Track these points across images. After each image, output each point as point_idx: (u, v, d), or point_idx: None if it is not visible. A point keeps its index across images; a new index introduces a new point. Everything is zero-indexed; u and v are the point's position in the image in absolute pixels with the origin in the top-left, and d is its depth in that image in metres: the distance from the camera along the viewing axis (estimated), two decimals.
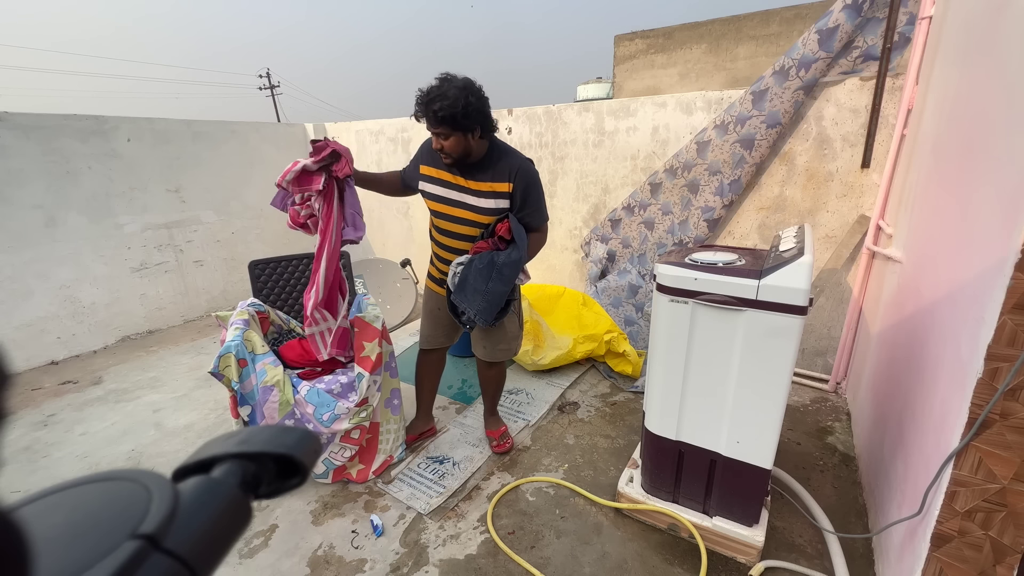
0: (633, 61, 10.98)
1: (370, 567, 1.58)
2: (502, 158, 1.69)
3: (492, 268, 1.65)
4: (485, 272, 1.65)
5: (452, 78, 1.57)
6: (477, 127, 1.59)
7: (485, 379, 2.08)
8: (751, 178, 2.56)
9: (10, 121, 2.89)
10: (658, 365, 1.53)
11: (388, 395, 1.97)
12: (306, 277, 2.31)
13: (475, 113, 1.55)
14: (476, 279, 1.65)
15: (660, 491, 1.67)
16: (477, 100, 1.56)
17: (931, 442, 1.17)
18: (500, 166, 1.67)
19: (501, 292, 1.68)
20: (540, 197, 1.74)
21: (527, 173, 1.68)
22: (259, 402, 1.75)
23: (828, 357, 2.61)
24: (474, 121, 1.57)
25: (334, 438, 1.84)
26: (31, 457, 2.20)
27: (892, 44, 2.09)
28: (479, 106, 1.57)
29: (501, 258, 1.65)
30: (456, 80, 1.56)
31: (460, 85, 1.55)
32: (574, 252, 3.43)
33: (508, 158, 1.69)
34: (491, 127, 1.64)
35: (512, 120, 3.39)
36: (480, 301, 1.67)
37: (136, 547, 0.28)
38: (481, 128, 1.60)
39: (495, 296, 1.67)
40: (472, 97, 1.55)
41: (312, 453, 0.41)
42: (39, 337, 3.10)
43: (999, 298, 0.90)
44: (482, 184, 1.68)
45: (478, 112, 1.56)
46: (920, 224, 1.61)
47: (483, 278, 1.65)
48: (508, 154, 1.70)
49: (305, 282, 2.30)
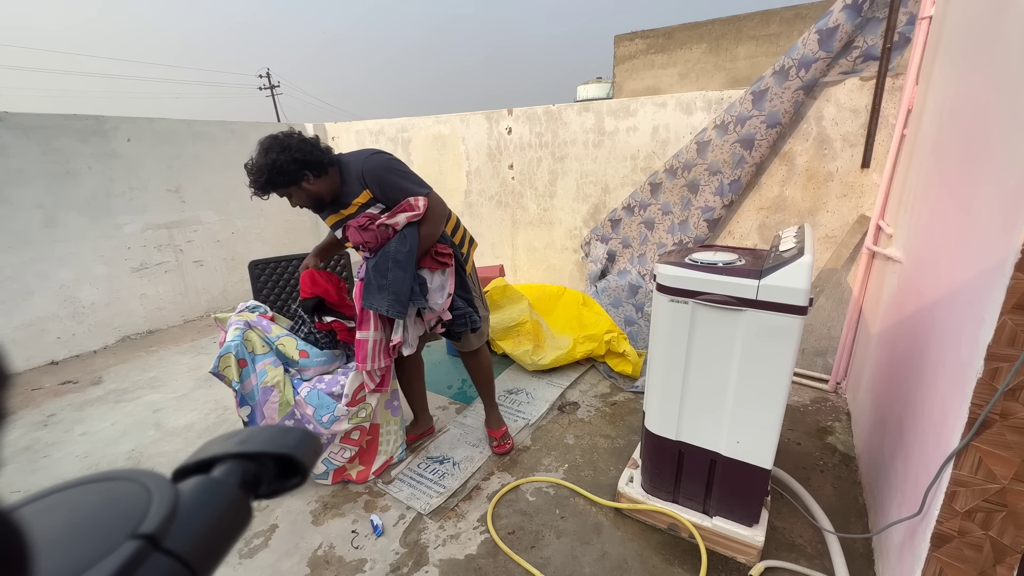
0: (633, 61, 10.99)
1: (370, 567, 1.58)
2: (349, 172, 1.68)
3: (387, 260, 1.66)
4: (380, 266, 1.66)
5: (260, 142, 1.58)
6: (304, 173, 1.58)
7: (471, 368, 2.09)
8: (751, 178, 2.56)
9: (10, 121, 2.89)
10: (658, 365, 1.53)
11: (388, 396, 1.97)
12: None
13: (289, 165, 1.55)
14: (375, 276, 1.67)
15: (660, 491, 1.67)
16: (282, 152, 1.55)
17: (931, 442, 1.17)
18: (352, 181, 1.67)
19: (402, 278, 1.66)
20: (397, 178, 1.68)
21: (372, 168, 1.66)
22: (259, 402, 1.75)
23: (828, 357, 2.61)
24: (293, 173, 1.56)
25: (334, 439, 1.84)
26: (31, 457, 2.20)
27: (892, 44, 2.09)
28: (290, 156, 1.55)
29: (392, 247, 1.66)
30: (261, 144, 1.58)
31: (262, 149, 1.56)
32: (574, 252, 3.43)
33: (352, 168, 1.67)
34: (320, 162, 1.61)
35: (512, 120, 3.39)
36: (387, 295, 1.66)
37: (136, 547, 0.28)
38: (310, 171, 1.59)
39: (398, 284, 1.66)
40: (274, 154, 1.54)
41: (312, 453, 0.41)
42: (39, 337, 3.10)
43: (999, 298, 0.90)
44: (352, 207, 1.69)
45: (292, 162, 1.55)
46: (920, 224, 1.61)
47: (380, 273, 1.66)
48: (350, 164, 1.68)
49: None
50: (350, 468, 1.93)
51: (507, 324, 2.79)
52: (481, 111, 3.54)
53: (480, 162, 3.66)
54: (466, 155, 3.71)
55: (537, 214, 3.52)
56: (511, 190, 3.58)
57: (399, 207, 1.66)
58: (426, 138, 3.90)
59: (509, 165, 3.52)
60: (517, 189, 3.54)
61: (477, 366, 2.07)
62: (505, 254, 3.81)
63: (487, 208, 3.74)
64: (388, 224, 1.66)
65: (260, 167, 1.55)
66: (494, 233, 3.79)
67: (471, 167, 3.71)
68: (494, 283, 2.90)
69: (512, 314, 2.81)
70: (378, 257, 1.67)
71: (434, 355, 3.06)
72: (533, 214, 3.54)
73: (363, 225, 1.66)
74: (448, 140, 3.76)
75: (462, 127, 3.66)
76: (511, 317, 2.80)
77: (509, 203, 3.63)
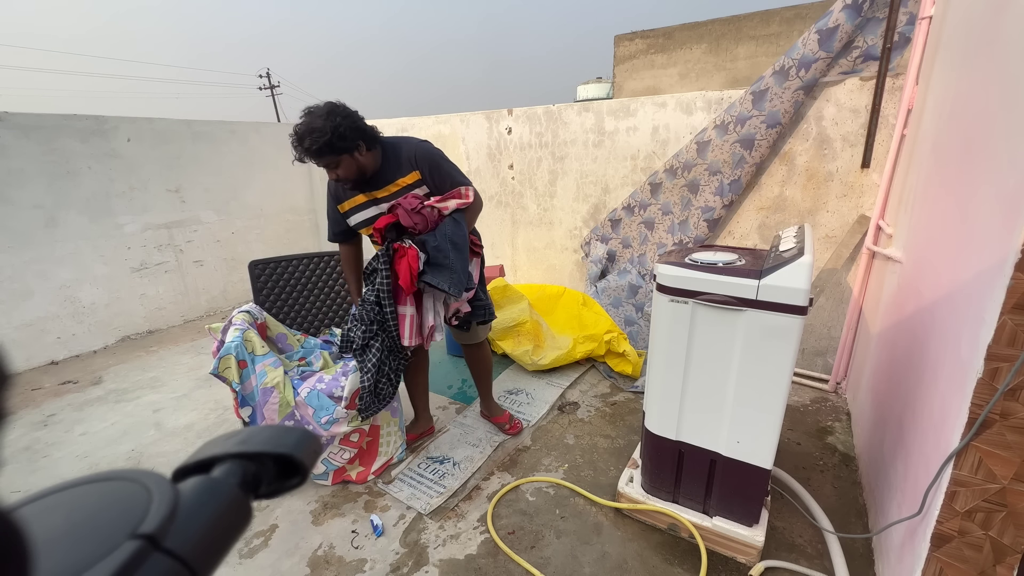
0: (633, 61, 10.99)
1: (370, 567, 1.58)
2: (397, 153, 1.70)
3: (446, 241, 1.70)
4: (443, 247, 1.69)
5: (314, 109, 1.58)
6: (358, 142, 1.60)
7: (475, 360, 2.14)
8: (751, 178, 2.56)
9: (10, 121, 2.89)
10: (658, 365, 1.53)
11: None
12: (306, 277, 2.31)
13: (349, 131, 1.57)
14: (438, 256, 1.69)
15: (660, 491, 1.67)
16: (345, 119, 1.57)
17: (931, 442, 1.17)
18: (399, 161, 1.70)
19: (461, 260, 1.72)
20: (448, 166, 1.77)
21: (426, 153, 1.72)
22: (259, 403, 1.75)
23: (828, 357, 2.61)
24: (352, 140, 1.58)
25: (333, 440, 1.84)
26: (31, 457, 2.20)
27: (892, 44, 2.09)
28: (350, 123, 1.58)
29: (448, 230, 1.70)
30: (319, 109, 1.58)
31: (323, 112, 1.57)
32: (574, 252, 3.43)
33: (402, 150, 1.71)
34: (373, 136, 1.65)
35: (512, 120, 3.39)
36: (448, 275, 1.69)
37: (136, 547, 0.28)
38: (364, 142, 1.62)
39: (458, 265, 1.71)
40: (339, 118, 1.56)
41: (312, 453, 0.41)
42: (39, 337, 3.10)
43: (999, 298, 0.90)
44: (392, 186, 1.71)
45: (352, 129, 1.58)
46: (920, 224, 1.61)
47: (443, 253, 1.69)
48: (399, 146, 1.72)
49: (305, 282, 2.31)
50: (350, 469, 1.93)
51: (507, 324, 2.79)
52: (481, 111, 3.54)
53: (480, 162, 3.66)
54: (466, 155, 3.71)
55: (537, 214, 3.52)
56: (511, 190, 3.58)
57: (450, 193, 1.73)
58: (426, 138, 3.89)
59: (509, 165, 3.52)
60: (517, 189, 3.54)
61: (481, 359, 2.14)
62: (505, 254, 3.81)
63: (487, 208, 3.73)
64: (436, 208, 1.70)
65: (321, 130, 1.53)
66: (494, 233, 3.79)
67: (471, 167, 3.71)
68: (494, 283, 2.90)
69: (512, 314, 2.81)
70: (439, 238, 1.69)
71: (434, 355, 3.06)
72: (533, 214, 3.54)
73: (416, 208, 1.68)
74: (448, 140, 3.76)
75: (462, 127, 3.66)
76: (511, 317, 2.80)
77: (509, 203, 3.63)
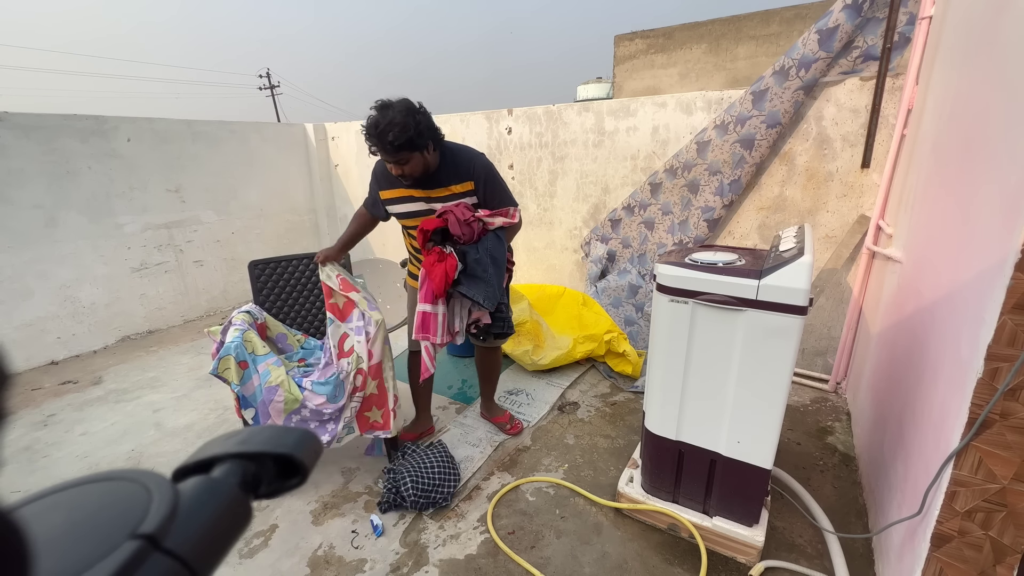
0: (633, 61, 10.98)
1: (370, 567, 1.58)
2: (456, 160, 1.74)
3: (487, 255, 1.76)
4: (483, 261, 1.74)
5: (391, 104, 1.60)
6: (429, 142, 1.64)
7: (486, 361, 2.19)
8: (751, 178, 2.56)
9: (10, 121, 2.89)
10: (658, 365, 1.53)
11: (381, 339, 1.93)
12: (306, 277, 2.30)
13: (426, 130, 1.60)
14: (477, 268, 1.74)
15: (660, 491, 1.67)
16: (424, 116, 1.61)
17: (931, 442, 1.17)
18: (457, 168, 1.73)
19: (498, 274, 1.77)
20: (502, 183, 1.82)
21: (484, 166, 1.75)
22: (263, 402, 1.74)
23: (828, 357, 2.61)
24: (427, 138, 1.61)
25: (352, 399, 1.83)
26: (31, 457, 2.20)
27: (892, 44, 2.09)
28: (427, 122, 1.62)
29: (490, 245, 1.76)
30: (396, 104, 1.60)
31: (403, 108, 1.58)
32: (574, 252, 3.43)
33: (461, 157, 1.75)
34: (440, 137, 1.69)
35: (512, 120, 3.39)
36: (484, 287, 1.75)
37: (136, 547, 0.28)
38: (433, 141, 1.65)
39: (495, 279, 1.76)
40: (419, 116, 1.59)
41: (312, 453, 0.41)
42: (39, 337, 3.10)
43: (999, 298, 0.90)
44: (444, 190, 1.75)
45: (428, 128, 1.61)
46: (920, 224, 1.61)
47: (482, 267, 1.74)
48: (459, 153, 1.76)
49: (305, 282, 2.30)
50: (371, 416, 1.89)
51: None
52: (481, 111, 3.54)
53: None
54: None
55: (537, 214, 3.52)
56: (511, 190, 3.58)
57: (500, 211, 1.79)
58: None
59: (509, 165, 3.52)
60: (517, 189, 3.54)
61: (493, 361, 2.20)
62: None
63: None
64: (484, 221, 1.76)
65: (403, 125, 1.54)
66: None
67: None
68: None
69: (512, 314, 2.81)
70: (480, 251, 1.75)
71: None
72: (533, 214, 3.54)
73: (467, 220, 1.72)
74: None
75: (462, 127, 3.65)
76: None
77: None
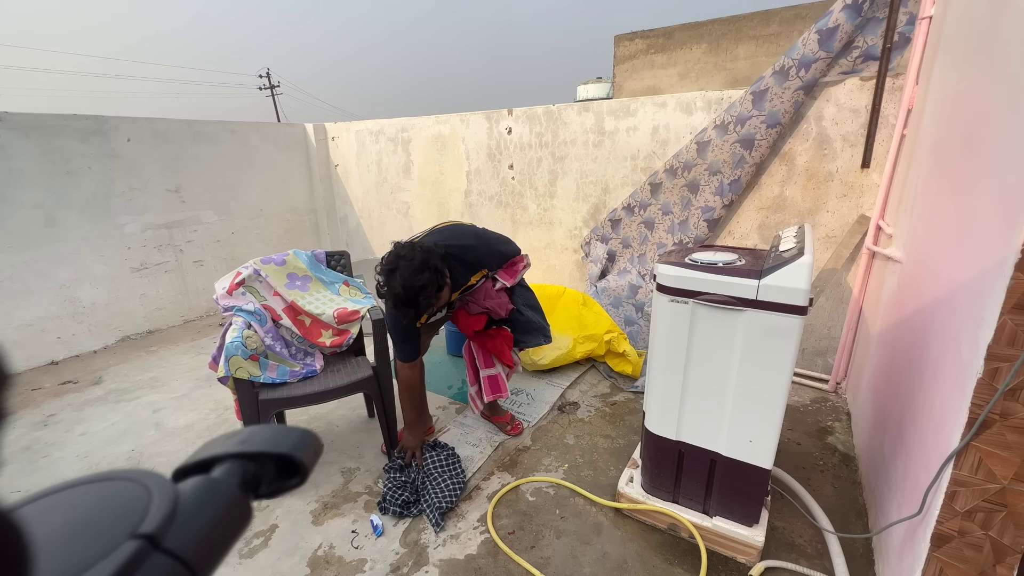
0: (633, 61, 10.98)
1: (370, 567, 1.58)
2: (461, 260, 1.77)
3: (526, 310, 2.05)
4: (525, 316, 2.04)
5: (408, 257, 1.57)
6: (445, 284, 1.66)
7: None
8: (751, 178, 2.56)
9: (10, 121, 2.89)
10: (658, 365, 1.53)
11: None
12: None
13: (440, 278, 1.61)
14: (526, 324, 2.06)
15: (660, 491, 1.67)
16: (434, 273, 1.58)
17: (931, 442, 1.17)
18: (464, 269, 1.80)
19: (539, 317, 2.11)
20: (500, 247, 1.95)
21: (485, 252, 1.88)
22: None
23: (828, 357, 2.61)
24: (441, 286, 1.63)
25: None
26: (31, 457, 2.20)
27: (892, 44, 2.09)
28: (441, 269, 1.62)
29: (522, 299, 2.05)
30: (414, 260, 1.56)
31: (418, 267, 1.55)
32: (574, 252, 3.43)
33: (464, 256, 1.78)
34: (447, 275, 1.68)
35: (512, 120, 3.39)
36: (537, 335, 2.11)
37: (136, 547, 0.28)
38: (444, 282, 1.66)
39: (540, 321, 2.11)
40: (429, 273, 1.57)
41: (312, 453, 0.41)
42: (39, 337, 3.10)
43: (999, 298, 0.90)
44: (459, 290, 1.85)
45: (440, 275, 1.61)
46: (920, 224, 1.61)
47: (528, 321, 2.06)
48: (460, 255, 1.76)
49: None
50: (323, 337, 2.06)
51: None
52: (481, 111, 3.54)
53: (480, 162, 3.66)
54: (466, 155, 3.71)
55: (537, 214, 3.52)
56: (511, 190, 3.58)
57: (512, 270, 1.98)
58: (426, 138, 3.90)
59: (509, 165, 3.52)
60: (517, 189, 3.54)
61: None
62: None
63: (487, 208, 3.74)
64: (509, 286, 1.97)
65: (426, 287, 1.56)
66: None
67: (471, 167, 3.71)
68: None
69: None
70: (524, 313, 2.02)
71: (434, 355, 3.06)
72: (533, 214, 3.54)
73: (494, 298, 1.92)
74: (448, 140, 3.76)
75: (462, 127, 3.66)
76: None
77: (509, 203, 3.63)
